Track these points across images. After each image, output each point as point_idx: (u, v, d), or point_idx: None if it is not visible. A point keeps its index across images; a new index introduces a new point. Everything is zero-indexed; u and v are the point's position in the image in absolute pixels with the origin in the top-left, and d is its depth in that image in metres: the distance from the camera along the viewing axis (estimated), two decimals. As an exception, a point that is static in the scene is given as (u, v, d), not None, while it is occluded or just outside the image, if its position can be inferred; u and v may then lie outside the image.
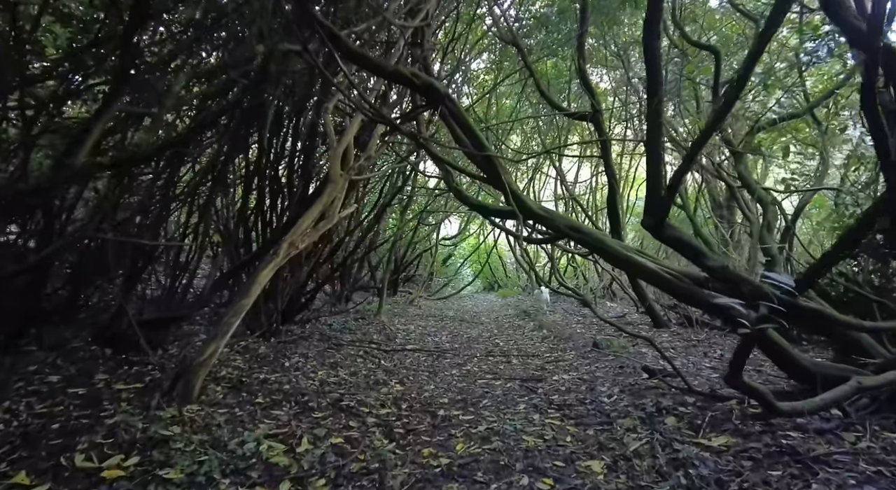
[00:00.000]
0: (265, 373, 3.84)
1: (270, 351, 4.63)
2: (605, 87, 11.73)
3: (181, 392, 2.86)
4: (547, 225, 3.33)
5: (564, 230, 3.22)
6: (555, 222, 3.24)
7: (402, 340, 6.03)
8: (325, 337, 5.58)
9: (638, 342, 5.16)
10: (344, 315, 7.48)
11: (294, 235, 3.46)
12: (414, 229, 10.85)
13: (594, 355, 4.70)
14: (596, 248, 3.18)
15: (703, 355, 4.55)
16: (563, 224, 3.23)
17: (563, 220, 3.28)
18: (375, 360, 4.83)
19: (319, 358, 4.61)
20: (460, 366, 4.72)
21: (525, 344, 5.76)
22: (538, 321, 7.51)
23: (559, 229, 3.23)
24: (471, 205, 3.99)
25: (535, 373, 4.29)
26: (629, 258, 3.05)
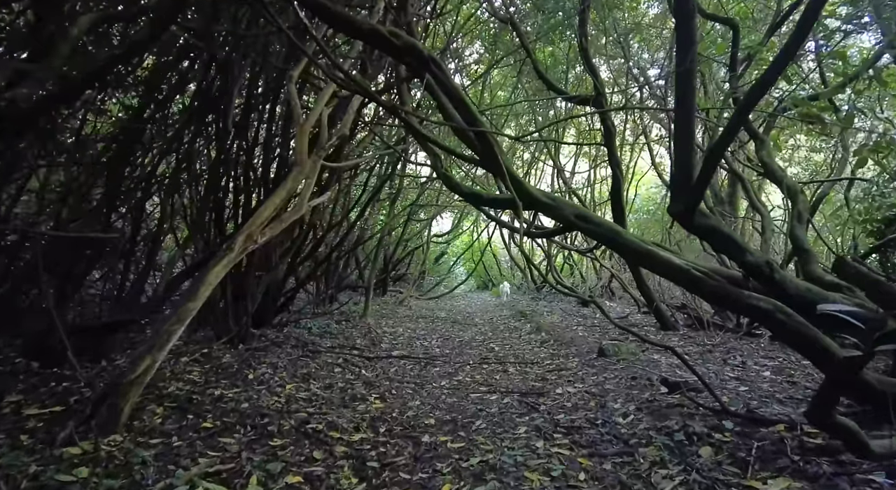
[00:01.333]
0: (223, 387, 3.30)
1: (236, 360, 4.09)
2: (605, 78, 11.28)
3: (104, 418, 2.32)
4: (551, 214, 2.82)
5: (573, 221, 2.70)
6: (561, 211, 2.73)
7: (387, 346, 5.50)
8: (301, 342, 5.04)
9: (648, 348, 4.67)
10: (327, 317, 6.94)
11: (252, 227, 2.92)
12: (404, 225, 10.31)
13: (601, 363, 4.20)
14: (610, 242, 2.68)
15: (723, 363, 4.07)
16: (572, 213, 2.72)
17: (571, 208, 2.77)
18: (355, 369, 4.30)
19: (291, 368, 4.07)
20: (451, 375, 4.20)
21: (522, 349, 5.25)
22: (535, 323, 7.01)
23: (566, 220, 2.72)
24: (462, 193, 3.47)
25: (536, 384, 3.79)
26: (650, 252, 2.55)
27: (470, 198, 3.39)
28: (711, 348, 4.69)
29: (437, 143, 3.10)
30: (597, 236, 2.68)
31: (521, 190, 2.76)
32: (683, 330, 5.85)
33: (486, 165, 3.02)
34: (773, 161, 4.11)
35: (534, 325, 6.86)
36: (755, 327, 5.38)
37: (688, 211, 2.30)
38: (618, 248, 2.69)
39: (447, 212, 13.64)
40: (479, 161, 3.10)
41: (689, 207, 2.29)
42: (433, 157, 3.58)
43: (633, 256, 2.60)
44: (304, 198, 3.25)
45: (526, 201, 2.77)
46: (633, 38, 9.96)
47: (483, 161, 3.03)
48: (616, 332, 5.92)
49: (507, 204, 3.32)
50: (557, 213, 2.75)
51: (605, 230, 2.62)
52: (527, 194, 2.78)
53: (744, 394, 3.05)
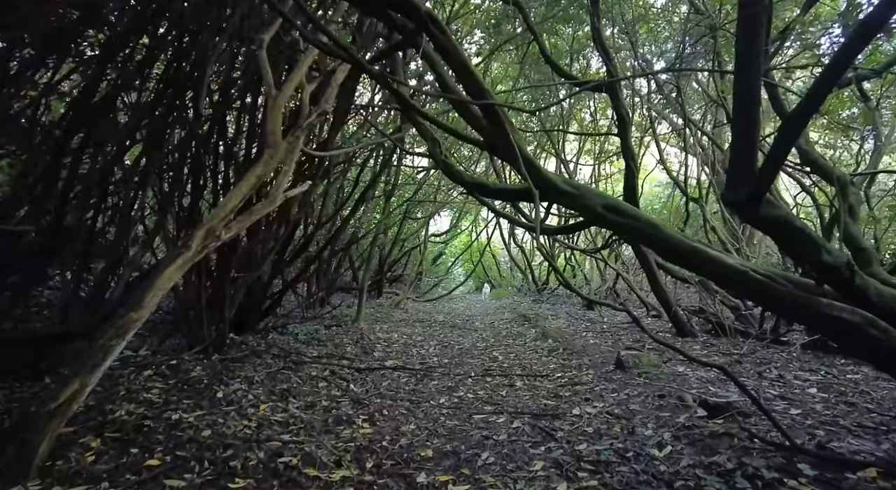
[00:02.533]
0: (184, 409, 2.81)
1: (207, 373, 3.61)
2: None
3: (11, 461, 1.83)
4: (575, 205, 2.34)
5: (600, 213, 2.23)
6: (587, 201, 2.25)
7: (380, 354, 5.01)
8: (284, 352, 4.56)
9: (670, 358, 4.20)
10: (317, 321, 6.46)
11: (214, 221, 2.43)
12: (400, 223, 9.83)
13: (620, 377, 3.72)
14: (647, 238, 2.20)
15: (759, 377, 3.60)
16: (599, 204, 2.24)
17: (598, 197, 2.29)
18: (343, 383, 3.81)
19: (269, 383, 3.58)
20: (451, 391, 3.72)
21: (529, 358, 4.77)
22: (540, 328, 6.52)
23: (592, 211, 2.24)
24: (464, 182, 2.99)
25: (548, 403, 3.30)
26: (697, 250, 2.07)
27: (473, 188, 2.91)
28: (739, 358, 4.22)
29: (434, 120, 2.61)
30: (631, 231, 2.21)
31: (537, 176, 2.28)
32: (703, 337, 5.38)
33: (495, 148, 2.53)
34: (814, 149, 3.64)
35: (539, 330, 6.38)
36: (781, 334, 4.92)
37: (752, 199, 1.83)
38: (657, 246, 2.22)
39: (445, 210, 13.16)
40: (484, 143, 2.62)
41: (754, 195, 1.81)
42: (430, 142, 3.09)
43: (675, 255, 2.14)
44: (279, 187, 2.76)
45: (543, 190, 2.30)
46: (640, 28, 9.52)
47: (490, 142, 2.54)
48: (631, 339, 5.44)
49: (519, 194, 2.84)
50: (582, 204, 2.27)
51: (643, 224, 2.15)
52: (544, 181, 2.30)
53: (798, 419, 2.57)
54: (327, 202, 6.51)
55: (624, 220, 2.19)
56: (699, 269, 2.18)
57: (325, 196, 5.83)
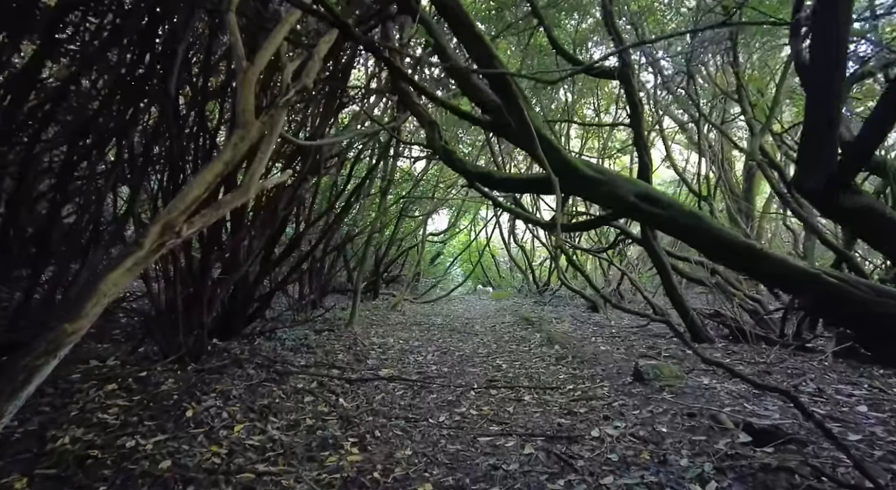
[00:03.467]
0: (143, 433, 2.42)
1: (179, 387, 3.22)
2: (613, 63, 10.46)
3: None
4: (601, 194, 1.97)
5: (632, 202, 1.87)
6: (616, 190, 1.89)
7: (374, 362, 4.63)
8: (269, 360, 4.17)
9: (693, 368, 3.82)
10: (308, 325, 6.07)
11: (172, 214, 2.04)
12: (396, 221, 9.45)
13: (640, 391, 3.34)
14: (687, 231, 1.84)
15: (794, 390, 3.22)
16: (631, 192, 1.88)
17: (629, 184, 1.92)
18: (332, 397, 3.43)
19: (248, 397, 3.20)
20: (451, 406, 3.34)
21: (536, 367, 4.39)
22: (545, 332, 6.15)
23: (623, 201, 1.88)
24: (466, 172, 2.62)
25: (562, 421, 2.93)
26: (752, 248, 1.70)
27: (477, 179, 2.53)
28: (767, 368, 3.85)
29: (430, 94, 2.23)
30: (669, 224, 1.85)
31: (557, 159, 1.91)
32: (721, 343, 5.01)
33: (505, 128, 2.15)
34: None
35: (543, 334, 6.00)
36: (807, 341, 4.55)
37: (832, 187, 1.45)
38: (700, 240, 1.86)
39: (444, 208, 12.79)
40: (492, 123, 2.24)
41: (836, 182, 1.44)
42: (428, 126, 2.71)
43: (723, 251, 1.77)
44: (254, 175, 2.37)
45: (564, 176, 1.92)
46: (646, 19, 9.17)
47: (498, 122, 2.16)
48: (643, 345, 5.07)
49: (533, 184, 2.47)
50: (610, 192, 1.90)
51: (683, 215, 1.78)
52: (565, 166, 1.93)
53: (863, 448, 2.20)
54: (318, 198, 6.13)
55: (660, 210, 1.83)
56: (754, 271, 1.82)
57: (315, 192, 5.43)
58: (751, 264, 1.68)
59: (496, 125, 2.20)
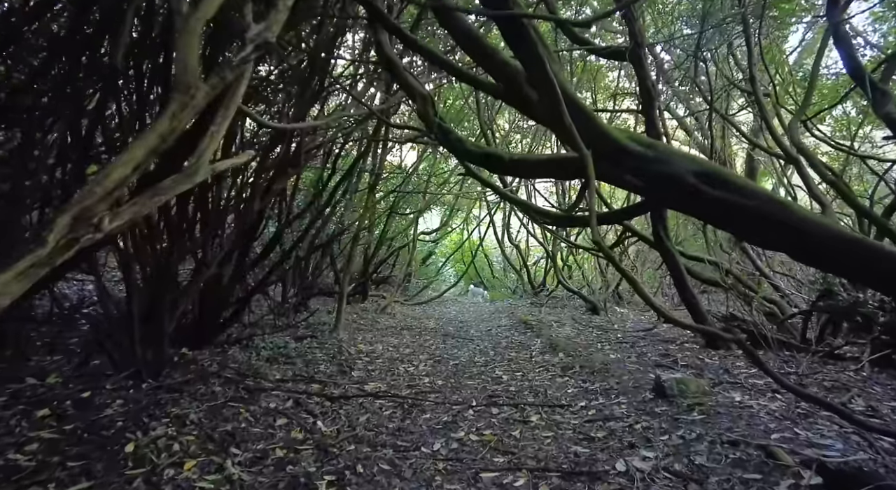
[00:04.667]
0: (60, 481, 1.94)
1: (126, 411, 2.73)
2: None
3: None
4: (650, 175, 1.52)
5: (692, 184, 1.41)
6: (671, 168, 1.44)
7: (360, 374, 4.15)
8: (239, 374, 3.69)
9: (721, 382, 3.40)
10: (290, 331, 5.59)
11: (87, 201, 1.56)
12: (386, 218, 8.97)
13: (665, 410, 2.90)
14: (767, 220, 1.39)
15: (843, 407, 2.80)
16: (690, 171, 1.43)
17: (687, 162, 1.48)
18: (308, 419, 2.96)
19: (209, 421, 2.72)
20: (448, 429, 2.88)
21: (541, 379, 3.95)
22: (546, 337, 5.72)
23: (679, 183, 1.43)
24: (467, 153, 2.16)
25: (579, 450, 2.48)
26: (863, 242, 1.26)
27: (482, 161, 2.08)
28: (799, 379, 3.44)
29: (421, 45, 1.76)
30: (742, 214, 1.41)
31: (591, 128, 1.46)
32: (738, 349, 4.60)
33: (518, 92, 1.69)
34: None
35: (544, 340, 5.57)
36: (836, 347, 4.16)
37: None
38: (787, 231, 1.42)
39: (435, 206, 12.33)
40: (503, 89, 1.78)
41: None
42: (420, 99, 2.26)
43: (816, 249, 1.34)
44: (203, 155, 1.89)
45: (599, 152, 1.47)
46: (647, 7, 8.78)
47: (511, 86, 1.70)
48: (655, 353, 4.65)
49: (559, 167, 2.00)
50: (662, 173, 1.46)
51: (766, 202, 1.34)
52: (601, 138, 1.48)
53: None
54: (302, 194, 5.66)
55: (730, 195, 1.39)
56: (868, 271, 1.38)
57: (296, 185, 4.95)
58: (862, 264, 1.28)
59: (510, 92, 1.75)
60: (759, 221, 1.38)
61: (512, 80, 1.73)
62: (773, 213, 1.35)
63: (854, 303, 4.05)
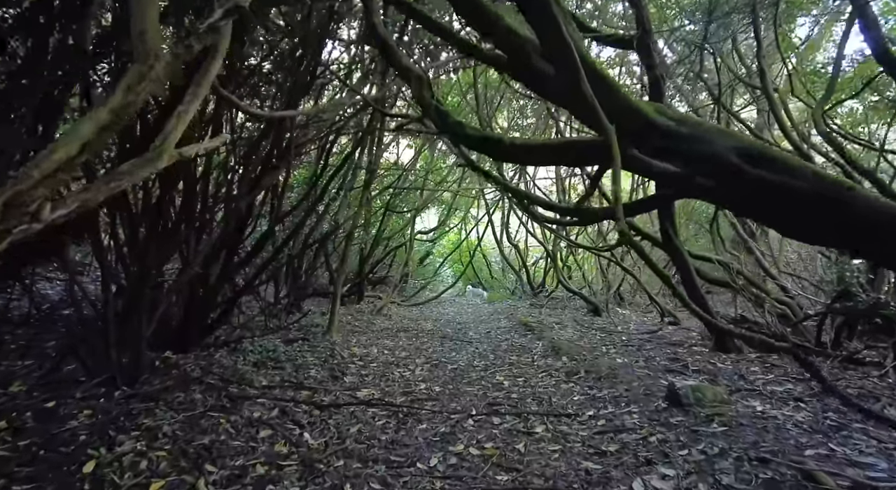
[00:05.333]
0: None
1: (92, 423, 2.49)
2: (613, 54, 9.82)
3: None
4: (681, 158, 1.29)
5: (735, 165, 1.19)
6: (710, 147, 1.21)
7: (353, 379, 3.92)
8: (223, 379, 3.45)
9: (738, 389, 3.18)
10: (281, 333, 5.35)
11: (22, 184, 1.34)
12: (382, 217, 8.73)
13: (682, 421, 2.68)
14: (827, 210, 1.16)
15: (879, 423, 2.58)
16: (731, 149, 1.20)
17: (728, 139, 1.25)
18: (294, 431, 2.72)
19: (184, 434, 2.48)
20: (446, 442, 2.64)
21: (544, 386, 3.72)
22: (548, 340, 5.49)
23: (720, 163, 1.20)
24: (467, 138, 1.93)
25: (591, 466, 2.25)
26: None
27: (483, 147, 1.85)
28: (821, 384, 3.22)
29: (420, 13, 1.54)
30: (793, 198, 1.18)
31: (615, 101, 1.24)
32: (751, 353, 4.39)
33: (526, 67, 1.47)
34: None
35: (546, 343, 5.34)
36: (856, 351, 3.95)
37: None
38: (850, 225, 1.19)
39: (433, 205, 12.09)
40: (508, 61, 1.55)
41: None
42: (415, 81, 2.03)
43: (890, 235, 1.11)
44: (169, 136, 1.67)
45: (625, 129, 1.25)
46: (650, 0, 8.57)
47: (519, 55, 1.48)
48: (664, 356, 4.43)
49: (578, 151, 1.77)
50: (698, 153, 1.23)
51: (826, 185, 1.12)
52: (627, 112, 1.25)
53: None
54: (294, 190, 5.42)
55: (779, 177, 1.16)
56: None
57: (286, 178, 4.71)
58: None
59: (517, 65, 1.52)
60: (814, 205, 1.16)
61: (519, 51, 1.50)
62: (828, 194, 1.13)
63: (875, 304, 3.84)
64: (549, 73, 1.45)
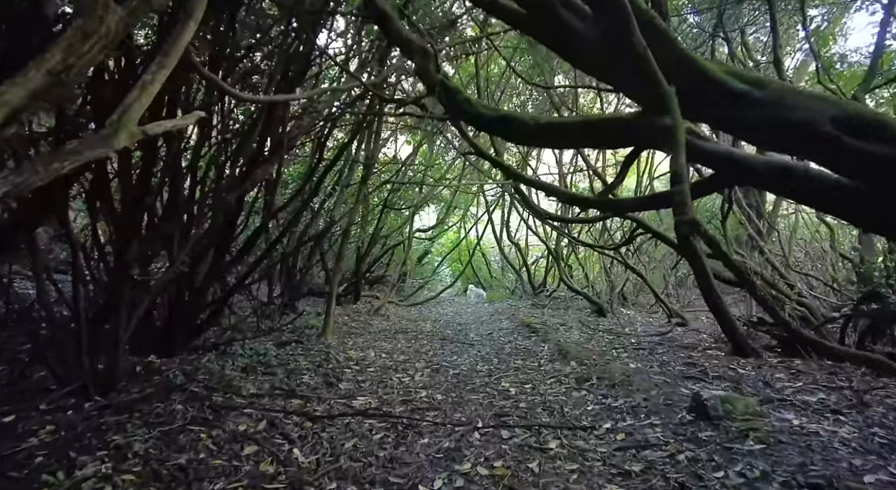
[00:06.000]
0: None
1: (53, 441, 2.22)
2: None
3: None
4: (758, 126, 1.03)
5: (831, 136, 0.93)
6: (795, 111, 0.95)
7: (349, 386, 3.66)
8: (208, 387, 3.18)
9: (772, 400, 2.92)
10: (274, 335, 5.09)
11: None
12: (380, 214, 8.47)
13: (712, 437, 2.42)
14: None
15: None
16: (826, 115, 0.94)
17: (819, 102, 0.99)
18: (283, 446, 2.46)
19: (158, 452, 2.22)
20: (450, 460, 2.38)
21: (554, 393, 3.46)
22: (553, 342, 5.24)
23: (810, 131, 0.93)
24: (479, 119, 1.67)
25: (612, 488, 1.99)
26: None
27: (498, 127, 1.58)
28: (857, 395, 2.97)
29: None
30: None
31: (674, 57, 0.97)
32: (772, 356, 4.14)
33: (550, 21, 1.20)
34: None
35: (552, 345, 5.09)
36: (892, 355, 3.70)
37: None
38: None
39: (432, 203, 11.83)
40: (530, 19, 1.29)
41: None
42: (419, 55, 1.77)
43: None
44: (130, 110, 1.40)
45: (690, 89, 0.99)
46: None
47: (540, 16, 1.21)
48: (679, 361, 4.17)
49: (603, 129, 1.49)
50: (783, 119, 0.97)
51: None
52: (690, 70, 0.99)
53: None
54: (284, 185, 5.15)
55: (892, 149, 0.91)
56: None
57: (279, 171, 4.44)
58: None
59: (539, 20, 1.26)
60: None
61: (541, 3, 1.24)
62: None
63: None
64: (577, 28, 1.20)
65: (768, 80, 1.15)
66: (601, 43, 1.20)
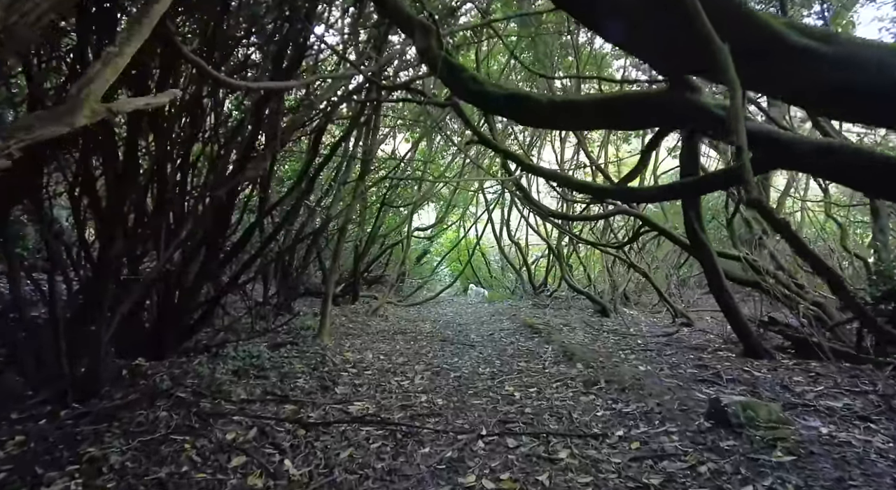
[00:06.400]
0: None
1: (25, 451, 2.04)
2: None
3: None
4: (833, 92, 0.86)
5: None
6: (881, 74, 0.77)
7: (345, 390, 3.48)
8: (196, 392, 3.01)
9: (794, 405, 2.75)
10: (269, 337, 4.92)
11: None
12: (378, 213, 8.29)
13: (735, 446, 2.25)
14: None
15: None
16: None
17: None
18: (274, 456, 2.29)
19: (136, 465, 2.04)
20: (453, 472, 2.21)
21: (561, 398, 3.29)
22: (558, 343, 5.07)
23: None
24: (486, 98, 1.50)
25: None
26: None
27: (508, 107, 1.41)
28: (883, 401, 2.80)
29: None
30: None
31: (723, 8, 0.80)
32: (786, 358, 3.98)
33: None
34: None
35: (557, 347, 4.91)
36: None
37: None
38: None
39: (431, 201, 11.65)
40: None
41: None
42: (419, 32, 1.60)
43: None
44: (94, 82, 1.23)
45: (746, 47, 0.81)
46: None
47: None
48: (690, 363, 4.00)
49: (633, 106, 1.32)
50: (862, 84, 0.81)
51: None
52: (746, 22, 0.83)
53: None
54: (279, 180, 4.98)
55: None
56: None
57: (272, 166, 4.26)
58: None
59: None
60: None
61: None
62: None
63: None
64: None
65: (834, 36, 0.96)
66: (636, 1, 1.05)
